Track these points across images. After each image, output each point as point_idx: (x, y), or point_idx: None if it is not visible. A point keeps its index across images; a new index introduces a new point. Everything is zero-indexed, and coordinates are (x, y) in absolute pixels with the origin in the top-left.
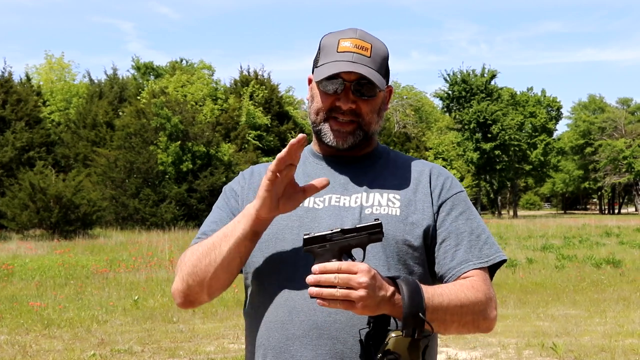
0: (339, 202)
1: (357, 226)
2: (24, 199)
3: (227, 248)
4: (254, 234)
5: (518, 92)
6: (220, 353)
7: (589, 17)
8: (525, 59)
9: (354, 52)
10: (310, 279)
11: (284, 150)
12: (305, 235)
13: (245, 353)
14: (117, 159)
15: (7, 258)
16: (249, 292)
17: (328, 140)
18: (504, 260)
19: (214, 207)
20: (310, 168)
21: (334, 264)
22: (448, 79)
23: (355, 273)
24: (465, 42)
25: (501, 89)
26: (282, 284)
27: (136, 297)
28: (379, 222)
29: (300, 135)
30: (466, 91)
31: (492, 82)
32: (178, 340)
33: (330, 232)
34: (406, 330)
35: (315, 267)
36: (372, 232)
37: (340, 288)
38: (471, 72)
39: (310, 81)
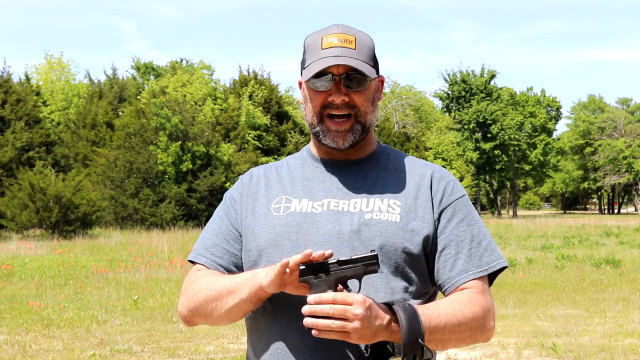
0: (337, 207)
1: (354, 257)
2: (24, 199)
3: (231, 304)
4: (257, 300)
5: (518, 92)
6: (219, 353)
7: (589, 16)
8: (525, 59)
9: (338, 47)
10: (305, 309)
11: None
12: (301, 266)
13: (247, 354)
14: (116, 159)
15: (7, 258)
16: None
17: (327, 141)
18: (505, 267)
19: (214, 214)
20: (309, 171)
21: (329, 295)
22: (448, 79)
23: (351, 304)
24: (466, 41)
25: (501, 89)
26: (281, 292)
27: (136, 297)
28: (375, 253)
29: (329, 252)
30: (466, 91)
31: (492, 82)
32: (178, 340)
33: (327, 263)
34: (406, 358)
35: (311, 298)
36: (368, 264)
37: (335, 319)
38: (471, 73)
39: (300, 84)
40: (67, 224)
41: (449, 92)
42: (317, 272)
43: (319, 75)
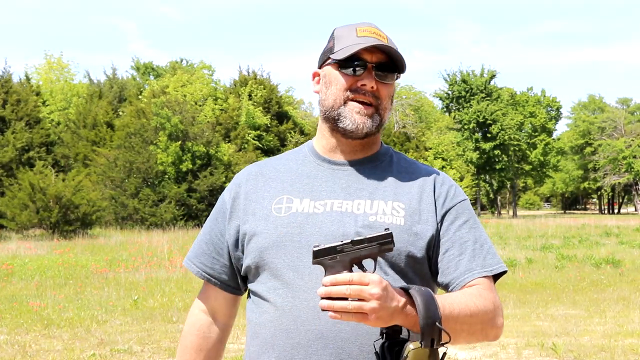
0: (341, 207)
1: (368, 236)
2: (24, 199)
3: None
4: None
5: (518, 92)
6: None
7: (589, 16)
8: (526, 59)
9: (374, 37)
10: (321, 291)
11: None
12: (314, 247)
13: (246, 354)
14: (116, 159)
15: (7, 258)
16: (252, 296)
17: (347, 124)
18: (505, 272)
19: (210, 215)
20: (311, 169)
21: (345, 276)
22: (448, 79)
23: (367, 284)
24: (467, 41)
25: (501, 89)
26: (286, 292)
27: (136, 297)
28: (390, 232)
29: None
30: (466, 91)
31: (492, 82)
32: (177, 340)
33: (341, 243)
34: (424, 341)
35: (326, 279)
36: (383, 243)
37: (352, 300)
38: (471, 73)
39: (315, 76)
40: (67, 224)
41: (449, 92)
42: (330, 253)
43: (352, 59)
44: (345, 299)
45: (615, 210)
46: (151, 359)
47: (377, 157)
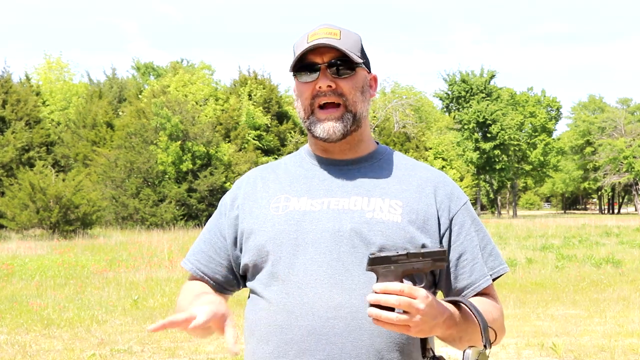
0: (338, 205)
1: (423, 251)
2: (24, 198)
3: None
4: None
5: (518, 92)
6: (220, 353)
7: (589, 17)
8: (526, 59)
9: (325, 37)
10: (370, 298)
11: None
12: (371, 254)
13: (245, 352)
14: (117, 159)
15: (7, 258)
16: (250, 294)
17: (319, 132)
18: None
19: (210, 219)
20: (308, 169)
21: (396, 285)
22: (447, 79)
23: (416, 298)
24: (468, 41)
25: (501, 89)
26: (280, 289)
27: (136, 297)
28: (444, 249)
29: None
30: (466, 91)
31: (492, 82)
32: (178, 340)
33: (396, 254)
34: (487, 344)
35: (377, 286)
36: (437, 259)
37: (398, 312)
38: (470, 73)
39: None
40: (67, 223)
41: (449, 92)
42: (385, 262)
43: (304, 67)
44: (392, 309)
45: (616, 210)
46: (151, 359)
47: (373, 155)
